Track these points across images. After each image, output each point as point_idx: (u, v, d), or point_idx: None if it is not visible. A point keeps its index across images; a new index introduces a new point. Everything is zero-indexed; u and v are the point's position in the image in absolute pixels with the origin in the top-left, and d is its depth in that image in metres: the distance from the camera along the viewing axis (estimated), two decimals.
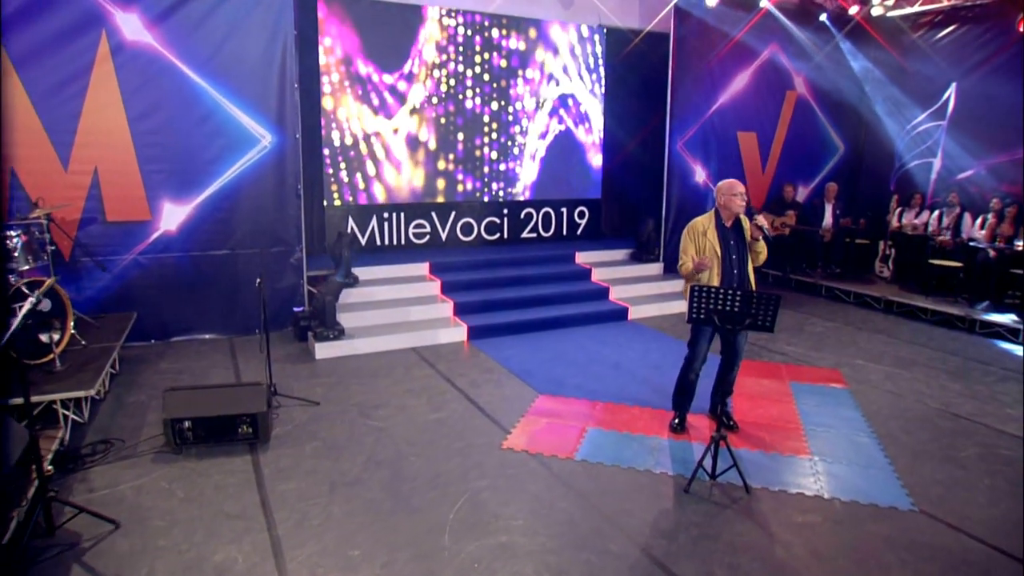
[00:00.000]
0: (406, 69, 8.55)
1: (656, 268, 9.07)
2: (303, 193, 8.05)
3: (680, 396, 5.06)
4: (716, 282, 4.66)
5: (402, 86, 8.56)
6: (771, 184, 10.33)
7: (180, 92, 6.48)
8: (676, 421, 5.05)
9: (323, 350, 6.59)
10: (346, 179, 8.49)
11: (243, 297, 7.04)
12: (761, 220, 4.60)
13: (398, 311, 7.35)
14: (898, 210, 9.75)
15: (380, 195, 8.71)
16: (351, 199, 8.56)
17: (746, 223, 4.77)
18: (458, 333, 7.21)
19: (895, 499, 4.12)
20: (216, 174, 6.77)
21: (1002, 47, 9.10)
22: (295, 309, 7.26)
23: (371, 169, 8.60)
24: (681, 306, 8.56)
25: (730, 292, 4.03)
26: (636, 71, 9.76)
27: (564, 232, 9.89)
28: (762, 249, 4.70)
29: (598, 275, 8.65)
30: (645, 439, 4.89)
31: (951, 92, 9.70)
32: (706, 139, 9.49)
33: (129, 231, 6.53)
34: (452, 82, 8.84)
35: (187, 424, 4.63)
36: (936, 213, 9.21)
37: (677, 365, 5.02)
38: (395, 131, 8.63)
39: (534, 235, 9.73)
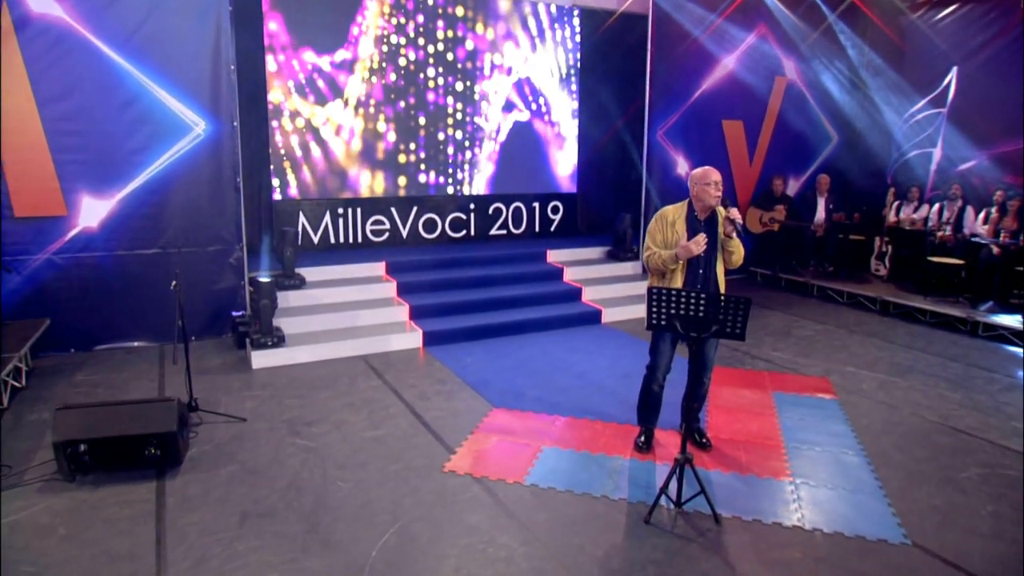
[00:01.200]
0: (360, 53, 8.12)
1: (633, 267, 8.67)
2: (246, 187, 7.66)
3: (645, 410, 4.65)
4: (679, 283, 4.25)
5: (361, 71, 8.12)
6: (759, 176, 9.97)
7: (98, 73, 6.02)
8: (642, 439, 4.64)
9: (260, 359, 6.16)
10: (296, 172, 8.04)
11: (176, 300, 6.57)
12: (734, 213, 4.15)
13: (347, 315, 6.92)
14: (895, 204, 9.40)
15: (334, 189, 8.27)
16: (301, 194, 8.11)
17: (722, 216, 4.36)
18: (412, 339, 6.79)
19: (885, 530, 3.71)
20: (143, 165, 6.32)
21: (1005, 28, 8.74)
22: (234, 313, 6.82)
23: (324, 161, 8.16)
24: None
25: (693, 295, 3.62)
26: (612, 55, 9.36)
27: (537, 229, 9.48)
28: (736, 248, 4.24)
29: (570, 275, 8.24)
30: (606, 460, 4.47)
31: (952, 77, 9.34)
32: (688, 128, 9.12)
33: (41, 228, 6.07)
34: (412, 68, 8.41)
35: (83, 447, 4.17)
36: (936, 207, 8.84)
37: (672, 383, 4.61)
38: (350, 120, 8.19)
39: (503, 232, 9.31)
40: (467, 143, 8.89)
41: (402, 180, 8.59)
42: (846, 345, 7.04)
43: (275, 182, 7.97)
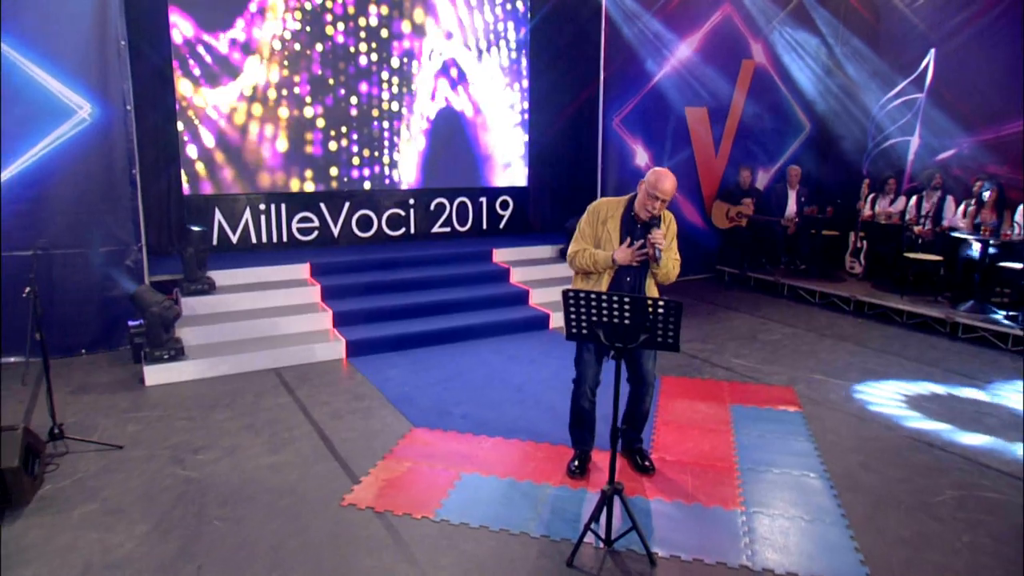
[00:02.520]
0: (281, 31, 7.61)
1: None
2: (152, 180, 7.20)
3: (577, 429, 4.23)
4: (604, 286, 3.85)
5: (282, 52, 7.62)
6: (726, 167, 9.67)
7: None
8: (575, 463, 4.21)
9: (155, 374, 5.64)
10: (209, 164, 7.51)
11: (61, 308, 6.04)
12: (656, 236, 3.72)
13: (262, 323, 6.43)
14: (871, 196, 9.11)
15: (255, 183, 7.75)
16: (216, 189, 7.58)
17: (668, 222, 3.95)
18: (334, 349, 6.31)
19: (846, 569, 3.31)
20: (14, 153, 5.75)
21: (986, 6, 8.49)
22: (131, 323, 6.27)
23: (242, 152, 7.63)
24: None
25: (616, 299, 3.19)
26: (563, 36, 8.94)
27: (484, 226, 9.04)
28: (659, 268, 3.84)
29: (518, 276, 7.81)
30: (533, 488, 4.03)
31: (930, 59, 9.08)
32: (647, 115, 8.79)
33: None
34: (342, 49, 7.92)
35: None
36: (914, 199, 8.57)
37: (600, 392, 4.20)
38: (272, 107, 7.68)
39: (447, 230, 8.86)
40: (406, 133, 8.42)
41: (333, 171, 8.10)
42: (815, 351, 6.69)
43: (185, 175, 7.42)
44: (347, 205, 8.22)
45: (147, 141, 7.08)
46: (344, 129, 8.09)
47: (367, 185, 8.31)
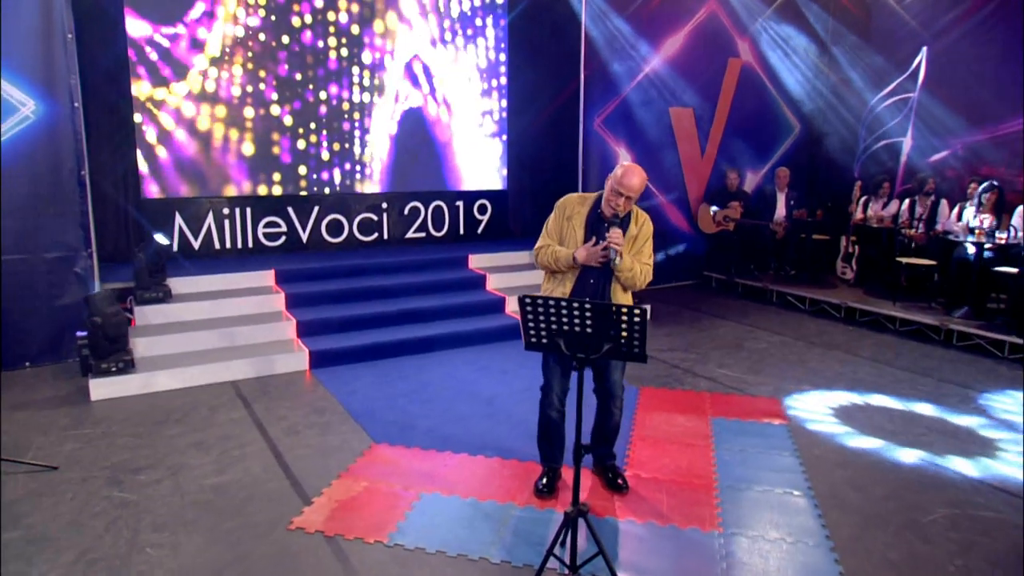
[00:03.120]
0: (246, 25, 7.43)
1: None
2: (108, 183, 7.02)
3: (545, 443, 4.04)
4: (567, 291, 3.66)
5: (246, 47, 7.43)
6: (712, 170, 9.54)
7: None
8: (543, 481, 4.00)
9: (102, 388, 5.41)
10: (169, 165, 7.29)
11: (4, 318, 5.81)
12: (613, 236, 3.52)
13: (222, 333, 6.22)
14: (862, 199, 8.98)
15: (218, 186, 7.54)
16: (176, 191, 7.36)
17: (641, 223, 3.77)
18: (297, 360, 6.11)
19: None
20: None
21: (979, 3, 8.39)
22: (79, 334, 6.03)
23: (204, 152, 7.43)
24: None
25: (576, 306, 3.00)
26: (542, 32, 8.80)
27: (461, 231, 8.85)
28: (623, 271, 3.63)
29: (495, 283, 7.62)
30: (496, 508, 3.83)
31: (922, 58, 8.98)
32: (630, 115, 8.67)
33: None
34: (311, 44, 7.74)
35: None
36: (907, 202, 8.43)
37: (569, 401, 3.98)
38: (235, 105, 7.49)
39: (422, 235, 8.68)
40: (377, 133, 8.23)
41: (301, 173, 7.90)
42: (804, 360, 6.52)
43: (144, 177, 7.20)
44: (316, 209, 8.02)
45: (102, 141, 6.91)
46: (313, 128, 7.90)
47: (337, 188, 8.12)
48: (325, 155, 8.01)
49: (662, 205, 9.16)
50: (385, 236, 8.45)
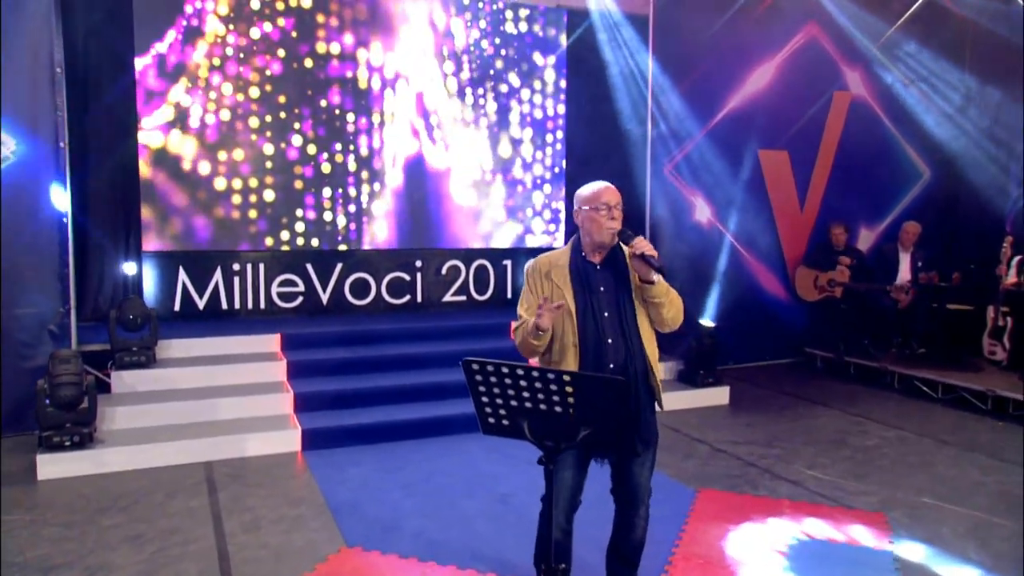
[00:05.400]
0: (261, 70, 7.40)
1: None
2: (106, 232, 7.03)
3: (544, 564, 3.33)
4: (572, 363, 3.05)
5: (267, 81, 7.38)
6: (814, 225, 8.86)
7: None
8: None
9: (51, 466, 5.16)
10: (174, 214, 7.20)
11: None
12: (640, 245, 2.95)
13: (206, 405, 5.94)
14: (1016, 259, 7.95)
15: (229, 238, 7.40)
16: (182, 243, 7.26)
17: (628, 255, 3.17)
18: (287, 440, 5.74)
19: None
20: None
21: None
22: (48, 401, 5.85)
23: (213, 201, 7.31)
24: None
25: (536, 374, 2.43)
26: (602, 67, 8.44)
27: (509, 295, 8.38)
28: (662, 297, 3.04)
29: None
30: None
31: None
32: (708, 160, 8.18)
33: None
34: (340, 75, 7.65)
35: None
36: None
37: (603, 499, 3.34)
38: (247, 148, 7.39)
39: (462, 298, 8.28)
40: (413, 183, 7.99)
41: (324, 227, 7.68)
42: (929, 463, 5.57)
43: (146, 226, 7.14)
44: (339, 267, 7.76)
45: (102, 187, 6.93)
46: (339, 176, 7.71)
47: (364, 244, 7.86)
48: (352, 207, 7.79)
49: (750, 265, 8.45)
50: (418, 299, 8.09)
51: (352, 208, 7.82)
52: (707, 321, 7.52)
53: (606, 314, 3.07)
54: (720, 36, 8.08)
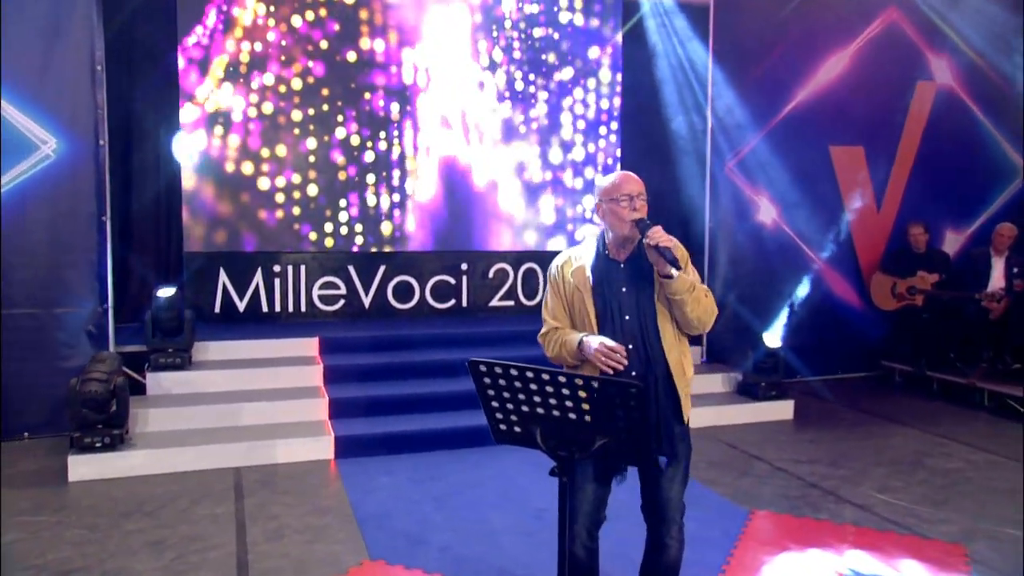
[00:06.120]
0: (305, 70, 7.47)
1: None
2: (149, 231, 7.22)
3: None
4: (592, 368, 2.92)
5: (310, 78, 7.45)
6: (893, 228, 8.49)
7: None
8: None
9: (82, 467, 5.28)
10: (217, 214, 7.34)
11: (5, 381, 5.87)
12: (656, 235, 2.77)
13: (240, 409, 6.01)
14: None
15: (270, 240, 7.50)
16: (225, 244, 7.38)
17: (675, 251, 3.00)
18: (320, 447, 5.76)
19: None
20: None
21: None
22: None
23: (257, 202, 7.42)
24: (716, 413, 6.70)
25: (564, 381, 2.32)
26: (656, 59, 8.34)
27: None
28: (683, 293, 2.85)
29: None
30: None
31: None
32: (774, 157, 7.94)
33: None
34: (385, 72, 7.67)
35: None
36: None
37: (640, 516, 3.19)
38: (291, 144, 7.48)
39: (510, 303, 8.23)
40: (459, 184, 7.98)
41: (368, 225, 7.75)
42: (1019, 490, 5.20)
43: (187, 226, 7.27)
44: (382, 269, 7.79)
45: (146, 186, 7.13)
46: (384, 177, 7.74)
47: (410, 246, 7.87)
48: (396, 210, 7.81)
49: (821, 271, 8.12)
50: (464, 303, 8.08)
51: (397, 211, 7.86)
52: (772, 337, 7.13)
53: (627, 317, 2.93)
54: (788, 24, 7.86)
